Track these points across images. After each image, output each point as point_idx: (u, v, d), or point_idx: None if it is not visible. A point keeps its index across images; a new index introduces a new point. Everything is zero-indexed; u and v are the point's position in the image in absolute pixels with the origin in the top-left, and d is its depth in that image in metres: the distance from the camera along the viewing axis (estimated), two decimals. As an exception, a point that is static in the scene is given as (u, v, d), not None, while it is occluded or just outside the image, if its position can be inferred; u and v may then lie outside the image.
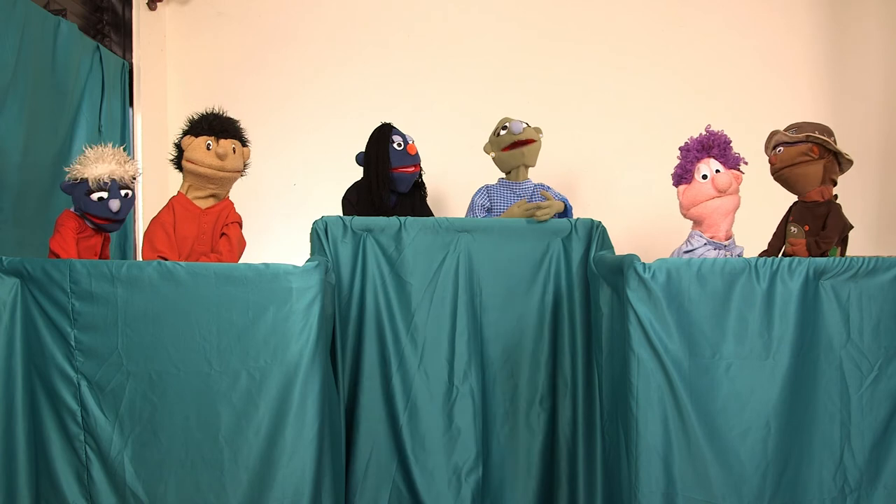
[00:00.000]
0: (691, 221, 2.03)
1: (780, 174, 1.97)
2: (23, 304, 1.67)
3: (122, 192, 1.85)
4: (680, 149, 2.03)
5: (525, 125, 2.29)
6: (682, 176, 2.01)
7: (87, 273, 1.67)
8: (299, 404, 1.66)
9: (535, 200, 2.33)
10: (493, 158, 2.37)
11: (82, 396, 1.67)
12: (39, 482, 1.69)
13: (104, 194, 1.82)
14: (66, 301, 1.67)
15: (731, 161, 1.98)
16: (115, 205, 1.82)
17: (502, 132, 2.30)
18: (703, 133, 2.00)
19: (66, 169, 1.87)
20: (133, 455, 1.66)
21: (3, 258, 1.67)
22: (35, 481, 1.68)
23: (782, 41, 3.09)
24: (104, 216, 1.83)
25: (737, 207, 1.98)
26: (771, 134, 2.03)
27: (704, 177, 1.96)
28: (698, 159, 1.97)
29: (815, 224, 1.92)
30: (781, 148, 1.96)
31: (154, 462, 1.66)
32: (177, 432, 1.66)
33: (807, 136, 1.90)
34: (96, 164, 1.83)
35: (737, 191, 1.98)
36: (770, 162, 2.00)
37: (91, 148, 1.88)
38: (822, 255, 1.87)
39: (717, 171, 1.95)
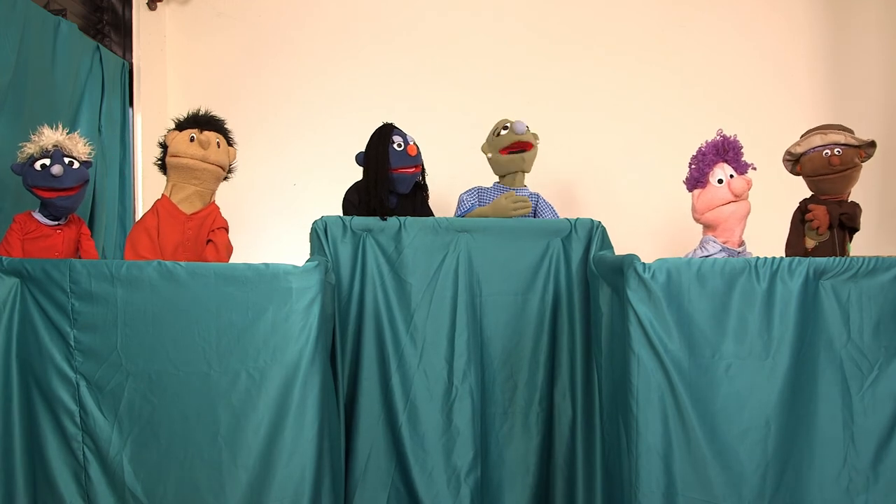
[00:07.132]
0: (702, 227, 2.03)
1: (842, 175, 1.94)
2: (22, 304, 1.68)
3: (66, 160, 1.81)
4: (696, 153, 2.03)
5: (526, 127, 2.24)
6: (698, 180, 2.00)
7: (86, 273, 1.67)
8: (299, 404, 1.66)
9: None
10: (490, 160, 2.29)
11: (81, 396, 1.67)
12: (37, 483, 1.68)
13: (46, 161, 1.79)
14: (66, 301, 1.67)
15: (742, 167, 1.98)
16: (56, 169, 1.77)
17: (503, 132, 2.22)
18: (717, 137, 2.00)
19: (18, 153, 1.84)
20: (132, 455, 1.66)
21: (3, 258, 1.68)
22: (32, 482, 1.68)
23: (782, 41, 3.09)
24: (48, 185, 1.78)
25: (748, 213, 1.98)
26: (818, 132, 1.98)
27: (720, 181, 1.96)
28: (714, 163, 1.98)
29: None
30: (840, 149, 1.93)
31: (153, 462, 1.66)
32: (176, 432, 1.66)
33: (871, 140, 1.90)
34: (41, 137, 1.82)
35: (748, 196, 1.98)
36: (831, 162, 1.93)
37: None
38: (840, 220, 1.90)
39: (731, 175, 1.95)
